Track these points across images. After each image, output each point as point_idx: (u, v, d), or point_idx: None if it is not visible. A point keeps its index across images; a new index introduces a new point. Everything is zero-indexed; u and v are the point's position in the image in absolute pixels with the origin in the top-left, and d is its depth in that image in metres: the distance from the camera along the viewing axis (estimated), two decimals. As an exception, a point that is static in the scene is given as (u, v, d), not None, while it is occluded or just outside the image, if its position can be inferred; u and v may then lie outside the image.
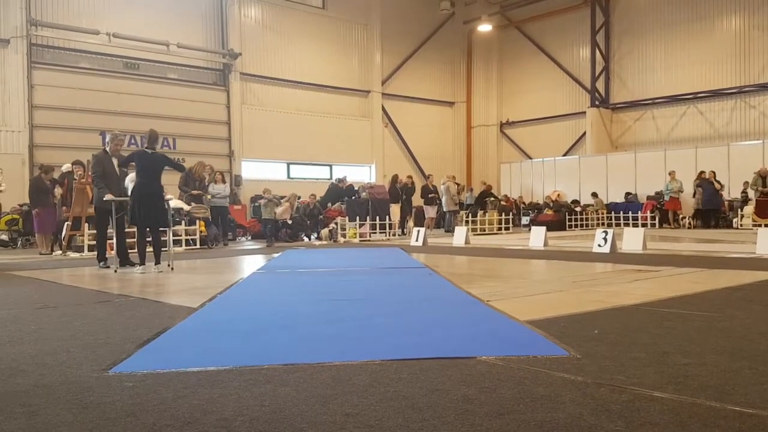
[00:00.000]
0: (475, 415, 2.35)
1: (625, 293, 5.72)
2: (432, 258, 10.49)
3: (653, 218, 20.58)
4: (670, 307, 4.86)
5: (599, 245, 10.76)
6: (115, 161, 9.36)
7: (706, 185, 19.04)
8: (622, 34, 25.13)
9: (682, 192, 19.90)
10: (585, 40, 25.74)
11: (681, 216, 20.28)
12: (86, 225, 12.22)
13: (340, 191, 18.87)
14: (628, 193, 22.53)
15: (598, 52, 25.27)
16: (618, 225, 20.22)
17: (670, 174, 20.07)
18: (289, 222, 16.11)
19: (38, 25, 18.18)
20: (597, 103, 25.20)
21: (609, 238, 10.67)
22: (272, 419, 2.35)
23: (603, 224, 20.99)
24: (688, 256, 9.87)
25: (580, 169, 24.50)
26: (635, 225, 19.51)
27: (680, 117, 23.57)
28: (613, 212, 21.96)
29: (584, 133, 25.76)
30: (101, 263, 9.37)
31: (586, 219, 21.40)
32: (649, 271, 7.49)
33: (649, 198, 21.60)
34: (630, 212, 21.20)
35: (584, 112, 25.59)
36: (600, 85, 25.38)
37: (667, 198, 20.09)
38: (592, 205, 22.47)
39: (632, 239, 11.29)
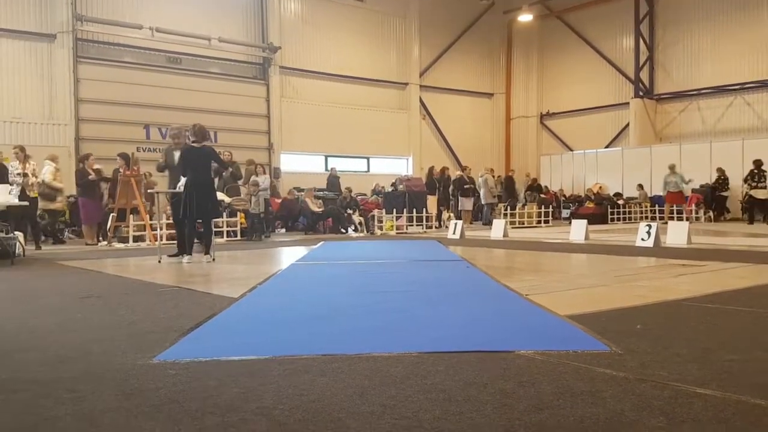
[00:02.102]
0: (513, 410, 2.34)
1: (668, 288, 5.61)
2: (469, 251, 10.43)
3: (698, 212, 20.08)
4: (715, 302, 4.75)
5: (642, 239, 10.56)
6: (176, 154, 9.30)
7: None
8: (666, 24, 24.51)
9: (686, 184, 19.02)
10: (628, 30, 25.17)
11: (693, 209, 19.56)
12: (131, 216, 12.52)
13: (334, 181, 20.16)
14: (673, 186, 21.99)
15: (642, 41, 24.67)
16: (662, 218, 19.80)
17: (669, 167, 19.21)
18: (319, 211, 16.31)
19: (84, 20, 18.59)
20: (641, 93, 24.65)
21: (652, 231, 10.46)
22: (311, 408, 2.38)
23: (646, 217, 20.57)
24: (734, 250, 9.62)
25: (623, 161, 24.03)
26: (680, 218, 19.08)
27: (726, 108, 22.90)
28: (657, 205, 21.50)
29: (627, 125, 25.25)
30: (180, 255, 9.06)
31: (629, 212, 21.00)
32: (693, 266, 7.32)
33: (694, 191, 21.09)
34: (674, 205, 20.71)
35: (627, 103, 25.05)
36: (644, 75, 24.80)
37: (663, 192, 19.38)
38: (636, 198, 22.02)
39: (676, 233, 11.06)
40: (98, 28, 18.97)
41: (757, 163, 18.03)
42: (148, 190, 12.69)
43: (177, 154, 9.30)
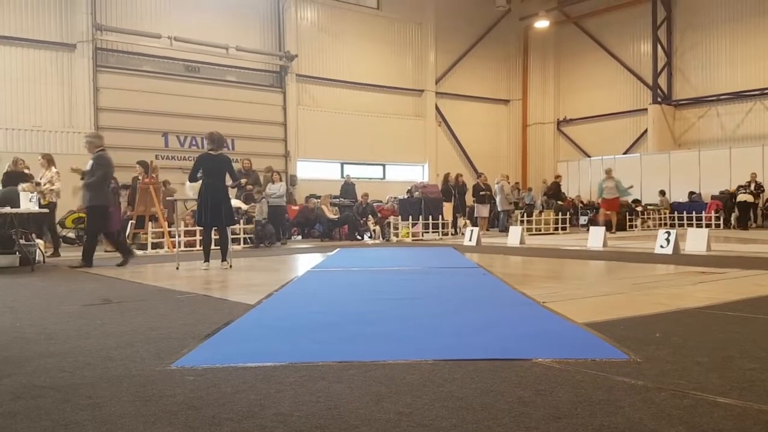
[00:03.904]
0: (530, 418, 2.32)
1: (687, 296, 5.55)
2: (486, 258, 10.40)
3: (717, 218, 19.88)
4: (735, 310, 4.69)
5: (661, 246, 10.48)
6: (90, 162, 9.25)
7: None
8: (684, 29, 24.34)
9: (622, 189, 18.20)
10: (646, 36, 25.04)
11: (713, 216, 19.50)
12: (149, 223, 12.63)
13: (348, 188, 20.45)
14: (691, 193, 21.82)
15: (659, 47, 24.54)
16: (681, 225, 19.63)
17: (606, 172, 18.51)
18: (335, 218, 16.37)
19: (103, 29, 18.83)
20: (659, 99, 24.49)
21: (672, 238, 10.37)
22: (327, 415, 2.38)
23: (665, 224, 20.39)
24: (754, 257, 9.49)
25: (641, 168, 23.84)
26: (699, 225, 18.89)
27: (746, 114, 22.67)
28: (676, 212, 21.31)
29: (645, 131, 25.08)
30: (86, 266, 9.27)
31: (648, 219, 20.83)
32: (713, 273, 7.24)
33: (713, 197, 20.88)
34: (694, 212, 20.52)
35: (645, 109, 24.90)
36: (662, 81, 24.64)
37: (598, 199, 18.70)
38: (656, 205, 21.81)
39: (696, 240, 10.95)
40: (117, 37, 19.20)
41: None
42: (167, 198, 12.80)
43: (89, 163, 9.24)
